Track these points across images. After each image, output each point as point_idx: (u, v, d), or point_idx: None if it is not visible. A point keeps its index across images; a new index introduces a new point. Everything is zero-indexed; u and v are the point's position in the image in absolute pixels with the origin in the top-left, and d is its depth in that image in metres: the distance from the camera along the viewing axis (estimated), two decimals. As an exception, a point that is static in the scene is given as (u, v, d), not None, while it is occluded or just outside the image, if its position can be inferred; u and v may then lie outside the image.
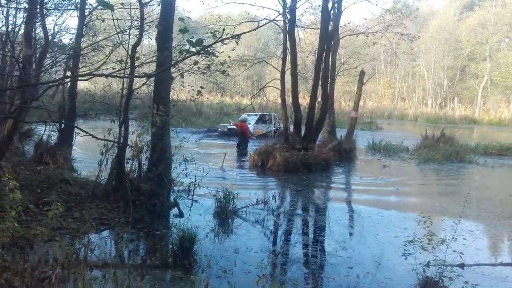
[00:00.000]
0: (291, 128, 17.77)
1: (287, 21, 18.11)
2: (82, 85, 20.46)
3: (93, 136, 6.80)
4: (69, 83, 13.75)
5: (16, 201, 4.64)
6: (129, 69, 9.57)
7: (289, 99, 18.77)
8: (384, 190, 13.08)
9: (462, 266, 6.24)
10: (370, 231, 8.81)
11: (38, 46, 14.81)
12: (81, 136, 9.81)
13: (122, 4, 10.59)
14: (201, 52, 4.96)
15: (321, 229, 9.06)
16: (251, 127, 25.33)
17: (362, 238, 8.47)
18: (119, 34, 11.75)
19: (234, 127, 25.04)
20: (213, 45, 6.05)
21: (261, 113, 29.14)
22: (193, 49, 4.89)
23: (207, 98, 35.62)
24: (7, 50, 17.56)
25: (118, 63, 8.10)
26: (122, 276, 4.38)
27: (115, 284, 4.10)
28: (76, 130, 13.16)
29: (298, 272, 6.60)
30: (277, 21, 20.03)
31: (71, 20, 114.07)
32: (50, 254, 4.40)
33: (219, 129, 27.81)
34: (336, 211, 10.51)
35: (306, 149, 15.98)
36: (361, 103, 29.24)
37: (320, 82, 17.29)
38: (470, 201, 10.59)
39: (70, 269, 4.06)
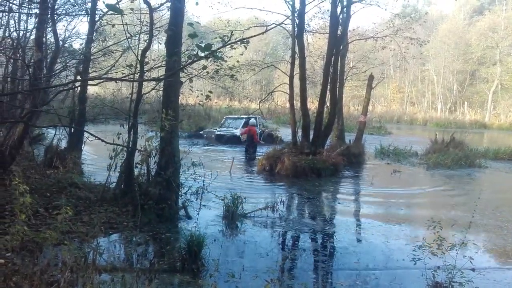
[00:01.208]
0: (299, 133, 17.73)
1: (295, 25, 18.13)
2: (92, 90, 20.61)
3: (103, 141, 6.84)
4: (79, 87, 13.86)
5: (26, 204, 4.67)
6: (139, 73, 9.63)
7: (297, 104, 18.78)
8: (394, 200, 12.85)
9: (473, 270, 6.16)
10: (380, 239, 8.75)
11: (48, 51, 14.95)
12: (91, 141, 9.87)
13: (131, 9, 10.69)
14: (210, 56, 4.98)
15: (330, 235, 9.02)
16: (238, 131, 24.60)
17: (371, 244, 8.43)
18: (129, 39, 11.82)
19: (224, 133, 24.67)
20: (222, 50, 6.08)
21: (246, 116, 27.32)
22: (202, 54, 4.92)
23: (216, 103, 35.67)
24: (18, 55, 17.78)
25: (127, 67, 8.15)
26: (130, 280, 4.39)
27: (123, 288, 4.12)
28: (85, 134, 13.31)
29: (306, 277, 6.57)
30: (286, 25, 20.10)
31: (82, 25, 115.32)
32: (59, 258, 4.41)
33: (204, 135, 25.45)
34: (344, 218, 10.47)
35: (315, 153, 15.96)
36: (370, 107, 29.13)
37: (328, 86, 17.26)
38: (485, 208, 10.54)
39: (78, 273, 4.08)
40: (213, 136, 24.65)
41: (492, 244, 8.62)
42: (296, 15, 17.77)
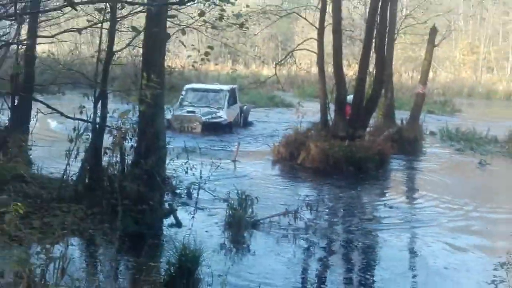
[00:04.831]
0: (332, 109, 17.72)
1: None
2: (41, 48, 20.71)
3: (61, 114, 6.96)
4: (24, 43, 13.94)
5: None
6: (109, 22, 9.70)
7: (329, 68, 18.73)
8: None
9: None
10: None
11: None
12: (45, 114, 9.97)
13: None
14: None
15: (369, 251, 9.14)
16: (223, 113, 21.85)
17: (426, 263, 8.55)
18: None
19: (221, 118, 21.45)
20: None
21: (218, 87, 24.53)
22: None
23: (215, 65, 35.49)
24: None
25: (96, 11, 8.21)
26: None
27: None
28: (34, 109, 13.41)
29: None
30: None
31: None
32: (8, 271, 4.55)
33: (175, 124, 19.89)
34: (391, 225, 10.59)
35: (353, 138, 15.96)
36: (430, 74, 28.92)
37: (373, 43, 17.21)
38: None
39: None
40: (197, 124, 20.95)
41: None
42: None
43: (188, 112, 21.26)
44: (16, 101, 13.87)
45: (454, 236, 10.04)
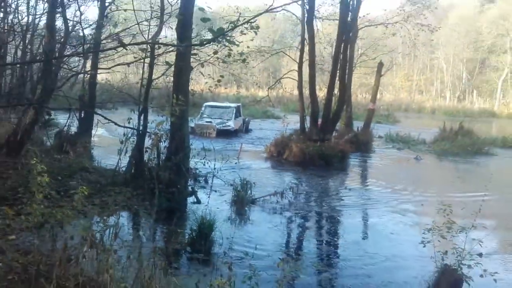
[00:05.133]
0: (308, 120, 17.72)
1: (305, 11, 18.03)
2: (100, 76, 20.70)
3: (115, 123, 6.95)
4: (89, 73, 13.97)
5: (42, 184, 4.78)
6: (149, 58, 9.69)
7: (306, 91, 18.75)
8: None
9: (480, 255, 6.23)
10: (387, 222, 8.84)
11: (58, 37, 15.03)
12: (103, 124, 9.96)
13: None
14: (222, 39, 5.02)
15: (337, 221, 9.13)
16: (232, 123, 21.57)
17: (377, 230, 8.53)
18: (139, 25, 11.87)
19: (230, 126, 21.07)
20: (233, 35, 6.11)
21: (228, 105, 24.32)
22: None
23: (225, 89, 35.46)
24: (27, 41, 17.87)
25: (140, 50, 8.22)
26: (146, 256, 4.51)
27: (139, 264, 4.23)
28: (95, 120, 13.42)
29: (316, 255, 6.75)
30: (295, 11, 19.95)
31: (90, 11, 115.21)
32: (77, 236, 4.54)
33: (197, 130, 19.73)
34: (352, 203, 10.57)
35: (323, 140, 15.97)
36: (378, 95, 28.92)
37: (338, 73, 17.21)
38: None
39: (96, 250, 4.20)
40: (211, 131, 20.40)
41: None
42: (306, 0, 17.67)
43: (207, 121, 21.22)
44: (82, 115, 13.89)
45: (398, 210, 10.05)
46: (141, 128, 9.89)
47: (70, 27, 13.82)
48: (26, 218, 5.81)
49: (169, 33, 24.47)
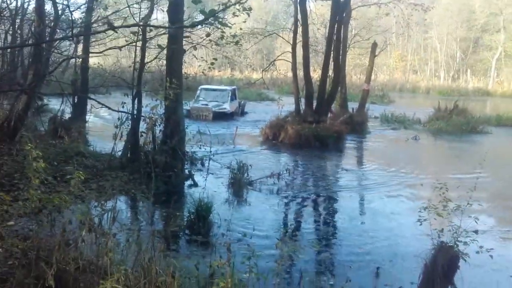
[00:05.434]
0: (302, 102, 17.68)
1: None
2: (92, 60, 20.48)
3: (109, 108, 6.91)
4: (80, 58, 13.83)
5: (38, 170, 4.76)
6: (141, 41, 9.59)
7: (300, 72, 18.66)
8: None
9: (476, 232, 6.30)
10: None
11: (47, 21, 14.82)
12: (97, 108, 9.91)
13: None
14: (214, 21, 4.96)
15: (334, 200, 9.19)
16: (227, 105, 21.44)
17: (374, 210, 8.60)
18: (129, 8, 11.71)
19: (226, 109, 21.01)
20: (225, 17, 6.04)
21: (224, 88, 24.30)
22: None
23: (218, 72, 35.19)
24: (16, 26, 17.61)
25: (132, 33, 8.12)
26: (145, 240, 4.54)
27: (139, 247, 4.26)
28: (89, 105, 13.34)
29: (314, 235, 6.82)
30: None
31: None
32: (74, 220, 4.55)
33: (193, 113, 19.98)
34: (347, 183, 10.63)
35: (318, 122, 15.96)
36: (372, 76, 28.84)
37: (332, 54, 17.13)
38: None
39: (95, 233, 4.22)
40: (208, 114, 20.27)
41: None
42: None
43: (203, 104, 20.99)
44: (75, 100, 13.79)
45: (397, 189, 10.12)
46: (135, 112, 9.84)
47: (60, 11, 13.62)
48: (24, 204, 5.82)
49: (160, 16, 24.19)
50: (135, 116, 9.80)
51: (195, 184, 9.46)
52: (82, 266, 4.01)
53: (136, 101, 10.06)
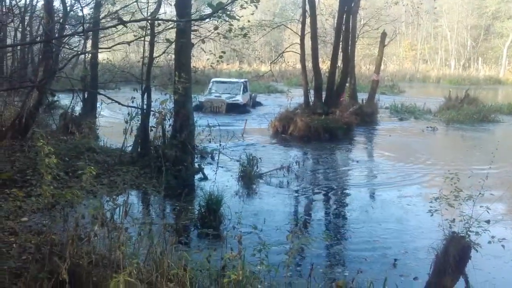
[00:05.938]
0: (311, 94, 17.62)
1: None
2: (101, 56, 20.60)
3: (118, 103, 6.94)
4: (90, 53, 13.90)
5: (51, 166, 4.82)
6: (149, 36, 9.61)
7: (309, 64, 18.59)
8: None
9: (488, 222, 6.27)
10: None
11: (56, 18, 14.89)
12: (107, 104, 9.97)
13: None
14: (222, 14, 4.96)
15: (346, 194, 9.18)
16: (240, 97, 21.56)
17: (384, 202, 8.57)
18: (137, 2, 11.73)
19: (239, 100, 21.03)
20: (233, 10, 6.04)
21: (237, 80, 24.40)
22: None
23: (227, 65, 35.10)
24: (26, 23, 17.74)
25: (140, 28, 8.14)
26: (157, 233, 4.59)
27: (150, 240, 4.30)
28: (99, 100, 13.43)
29: (327, 228, 6.84)
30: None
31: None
32: (87, 215, 4.61)
33: (206, 105, 20.36)
34: (358, 176, 10.59)
35: (327, 113, 15.92)
36: (382, 66, 28.65)
37: (340, 45, 17.05)
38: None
39: (108, 228, 4.27)
40: (220, 105, 20.55)
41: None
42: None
43: (216, 96, 21.24)
44: (85, 95, 13.89)
45: (408, 180, 10.06)
46: (145, 107, 9.89)
47: (68, 7, 13.69)
48: (37, 199, 5.91)
49: (168, 10, 24.17)
50: (144, 111, 9.85)
51: (205, 178, 9.50)
52: (95, 260, 4.06)
53: (145, 96, 10.12)
